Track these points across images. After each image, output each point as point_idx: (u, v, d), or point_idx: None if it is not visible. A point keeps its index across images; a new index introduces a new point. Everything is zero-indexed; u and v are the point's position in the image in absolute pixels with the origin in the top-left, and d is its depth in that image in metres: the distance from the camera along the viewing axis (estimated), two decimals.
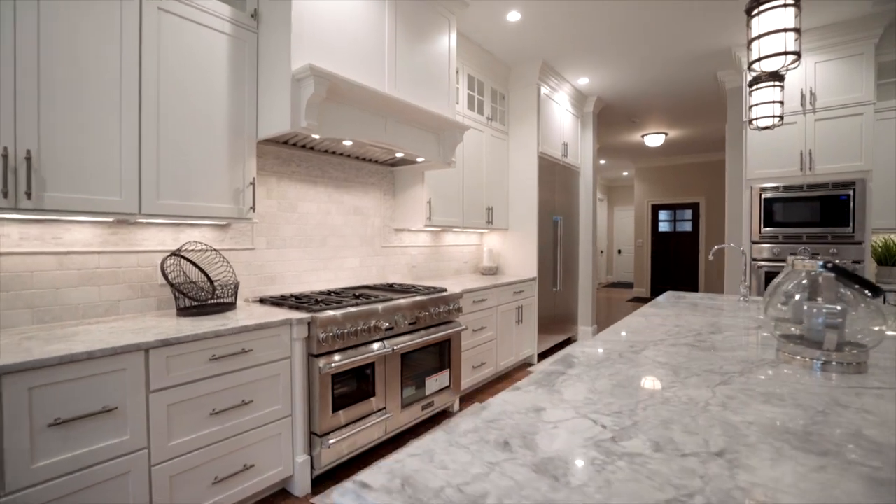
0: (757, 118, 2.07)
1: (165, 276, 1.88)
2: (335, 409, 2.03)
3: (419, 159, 2.83)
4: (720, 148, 7.77)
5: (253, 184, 2.06)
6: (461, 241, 4.11)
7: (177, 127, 1.81)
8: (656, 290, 9.12)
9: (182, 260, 2.04)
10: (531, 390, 0.96)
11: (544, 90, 4.21)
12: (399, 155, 2.71)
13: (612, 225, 11.64)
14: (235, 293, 2.10)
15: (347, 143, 2.35)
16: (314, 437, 1.99)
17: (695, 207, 8.69)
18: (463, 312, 3.00)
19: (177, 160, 1.81)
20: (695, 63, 4.07)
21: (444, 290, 2.78)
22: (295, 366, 1.94)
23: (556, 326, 4.50)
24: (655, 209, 9.15)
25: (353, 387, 2.12)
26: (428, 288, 2.79)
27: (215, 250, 2.18)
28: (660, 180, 9.04)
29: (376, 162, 3.08)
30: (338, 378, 2.05)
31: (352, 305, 2.16)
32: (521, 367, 4.00)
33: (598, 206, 5.14)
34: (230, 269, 2.24)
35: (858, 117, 3.27)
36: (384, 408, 2.30)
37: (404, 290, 2.71)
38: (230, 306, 2.04)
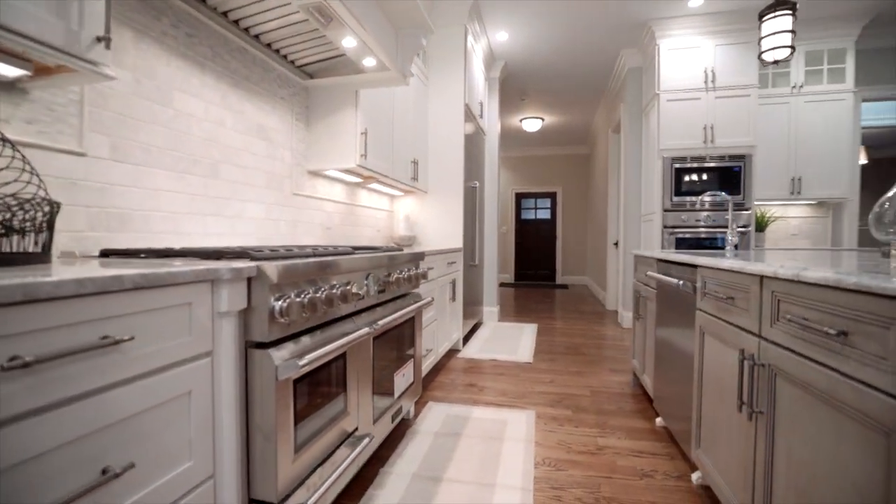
0: (773, 48, 1.92)
1: None
2: (298, 446, 1.09)
3: (367, 61, 1.96)
4: (579, 142, 8.50)
5: None
6: (374, 202, 3.27)
7: None
8: (520, 276, 9.54)
9: None
10: None
11: (469, 39, 3.66)
12: (348, 45, 1.79)
13: None
14: (49, 233, 0.95)
15: None
16: None
17: (553, 196, 9.36)
18: (428, 279, 2.23)
19: None
20: (608, 35, 4.06)
21: (402, 248, 1.99)
22: (222, 369, 0.94)
23: (472, 308, 4.00)
24: (519, 197, 9.57)
25: (315, 399, 1.20)
26: (385, 247, 1.95)
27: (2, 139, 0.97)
28: (522, 169, 9.48)
29: (292, 63, 2.06)
30: (301, 385, 1.11)
31: (313, 255, 1.23)
32: (450, 355, 3.39)
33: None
34: (35, 181, 1.04)
35: (746, 98, 3.63)
36: (356, 428, 1.41)
37: (346, 252, 1.81)
38: (34, 259, 0.91)
